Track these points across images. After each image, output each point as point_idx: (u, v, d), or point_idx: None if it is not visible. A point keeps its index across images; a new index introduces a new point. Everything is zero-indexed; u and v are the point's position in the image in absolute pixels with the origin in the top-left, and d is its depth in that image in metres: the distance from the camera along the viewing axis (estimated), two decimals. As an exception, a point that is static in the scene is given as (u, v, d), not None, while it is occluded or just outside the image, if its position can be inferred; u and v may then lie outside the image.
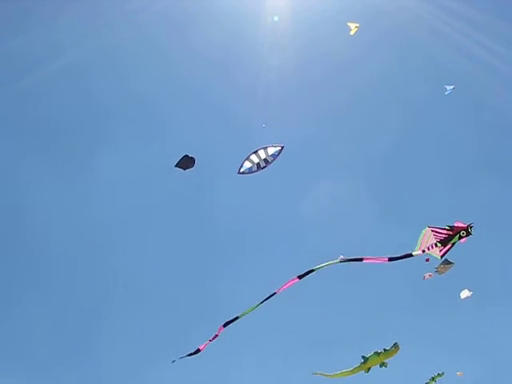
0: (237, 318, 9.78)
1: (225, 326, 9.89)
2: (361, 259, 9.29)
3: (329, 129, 23.37)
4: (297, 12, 21.03)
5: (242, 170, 10.74)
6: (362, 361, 11.68)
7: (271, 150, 10.66)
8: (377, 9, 19.34)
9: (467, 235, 8.85)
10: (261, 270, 23.88)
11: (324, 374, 12.20)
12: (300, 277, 9.45)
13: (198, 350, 10.27)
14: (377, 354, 11.56)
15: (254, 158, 10.67)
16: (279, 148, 10.68)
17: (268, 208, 23.56)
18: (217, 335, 10.01)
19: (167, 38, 21.84)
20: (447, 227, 8.94)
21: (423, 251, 9.07)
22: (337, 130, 23.42)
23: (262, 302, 9.50)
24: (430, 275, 13.20)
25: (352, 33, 12.88)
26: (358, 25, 12.88)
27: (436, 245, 8.98)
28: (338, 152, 23.45)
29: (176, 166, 10.24)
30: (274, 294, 9.44)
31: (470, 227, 8.83)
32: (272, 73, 21.60)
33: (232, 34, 21.64)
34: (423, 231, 9.10)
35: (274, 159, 10.72)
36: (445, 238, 8.96)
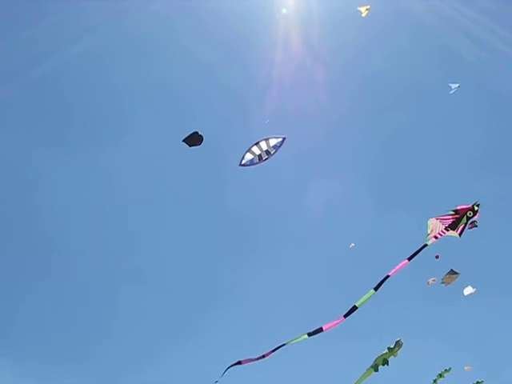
0: (284, 345, 9.40)
1: (273, 350, 9.48)
2: (387, 276, 8.93)
3: (338, 121, 23.30)
4: (305, 3, 21.10)
5: (243, 162, 10.57)
6: (374, 368, 11.45)
7: (273, 142, 10.50)
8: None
9: (474, 215, 8.79)
10: (268, 260, 24.12)
11: None
12: (346, 315, 9.13)
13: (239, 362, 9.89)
14: (384, 358, 11.37)
15: (255, 149, 10.51)
16: (281, 139, 10.52)
17: (275, 199, 23.73)
18: (264, 356, 9.58)
19: (181, 27, 21.96)
20: (452, 212, 8.89)
21: (436, 238, 8.93)
22: (346, 122, 23.35)
23: (309, 335, 9.22)
24: (434, 280, 13.13)
25: (364, 15, 12.88)
26: (368, 7, 12.84)
27: (447, 229, 8.90)
28: (348, 145, 23.48)
29: (184, 140, 10.01)
30: (321, 330, 9.13)
31: (477, 205, 8.77)
32: (281, 65, 21.65)
33: (243, 26, 21.77)
34: (429, 222, 9.00)
35: (275, 150, 10.55)
36: (453, 221, 8.88)
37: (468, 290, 13.18)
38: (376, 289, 8.94)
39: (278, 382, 21.01)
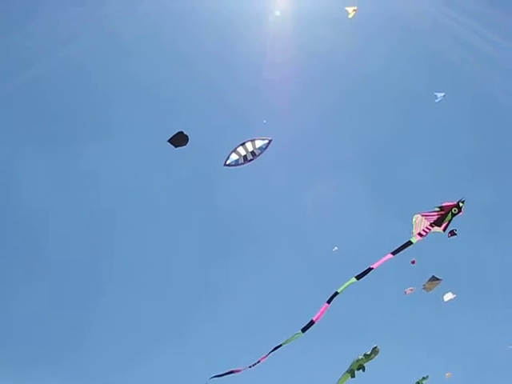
0: (280, 346, 9.75)
1: (270, 352, 9.86)
2: (371, 268, 9.10)
3: (328, 122, 23.47)
4: (298, 6, 21.16)
5: (228, 162, 10.55)
6: (350, 373, 11.60)
7: (259, 143, 10.46)
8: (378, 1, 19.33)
9: (459, 212, 8.89)
10: (260, 260, 24.28)
11: None
12: (328, 301, 9.38)
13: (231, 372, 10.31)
14: (359, 363, 11.47)
15: (241, 150, 10.48)
16: (267, 141, 10.48)
17: (264, 198, 23.82)
18: (259, 361, 9.98)
19: (171, 31, 22.05)
20: (437, 208, 8.99)
21: (421, 235, 9.03)
22: (336, 123, 23.51)
23: (303, 330, 9.50)
24: (411, 289, 13.33)
25: (350, 16, 13.06)
26: (355, 8, 13.02)
27: (432, 225, 9.00)
28: (337, 145, 23.64)
29: (169, 141, 10.01)
30: (312, 322, 9.39)
31: (462, 202, 8.86)
32: (274, 66, 21.86)
33: (235, 29, 21.92)
34: (414, 219, 9.12)
35: (261, 152, 10.51)
36: (438, 218, 8.98)
37: (448, 296, 13.26)
38: (358, 278, 9.09)
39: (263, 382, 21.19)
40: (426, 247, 9.93)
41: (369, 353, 11.31)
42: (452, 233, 10.59)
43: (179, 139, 10.01)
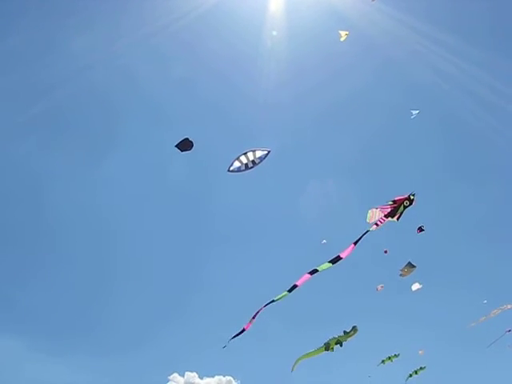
0: (273, 301, 10.52)
1: (265, 306, 10.63)
2: (340, 257, 10.23)
3: (319, 131, 25.34)
4: (292, 28, 23.77)
5: (231, 169, 11.85)
6: (324, 347, 12.70)
7: (259, 153, 11.81)
8: (361, 30, 22.17)
9: (410, 204, 9.75)
10: (256, 250, 26.33)
11: (296, 363, 13.33)
12: (311, 273, 10.28)
13: (243, 330, 10.91)
14: (337, 339, 12.56)
15: (243, 158, 11.81)
16: (266, 152, 11.82)
17: (262, 203, 25.92)
18: (258, 312, 10.71)
19: (177, 55, 24.06)
20: (390, 202, 9.90)
21: (377, 225, 9.94)
22: (326, 131, 25.40)
23: (289, 291, 10.44)
24: (381, 287, 14.69)
25: (342, 39, 14.11)
26: (347, 32, 14.12)
27: (386, 216, 9.87)
28: (328, 151, 25.58)
29: (176, 146, 11.03)
30: (296, 286, 10.28)
31: (412, 195, 9.73)
32: (270, 80, 23.64)
33: (236, 48, 23.70)
34: (368, 213, 10.04)
35: (260, 161, 11.84)
36: (391, 210, 9.87)
37: (415, 286, 14.16)
38: (331, 262, 10.19)
39: (249, 364, 22.91)
40: (398, 243, 11.24)
41: (348, 330, 12.56)
42: (420, 229, 11.76)
43: (185, 144, 11.15)
